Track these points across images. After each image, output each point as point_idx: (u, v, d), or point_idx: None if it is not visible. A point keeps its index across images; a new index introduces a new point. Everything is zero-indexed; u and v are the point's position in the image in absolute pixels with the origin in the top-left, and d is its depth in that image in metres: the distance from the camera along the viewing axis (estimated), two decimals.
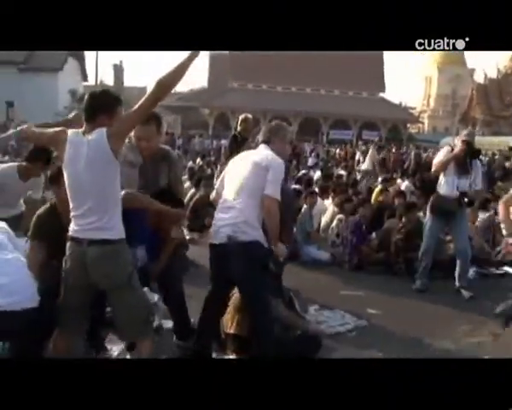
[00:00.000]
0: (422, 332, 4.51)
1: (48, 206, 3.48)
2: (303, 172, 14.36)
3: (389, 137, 48.71)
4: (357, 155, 24.92)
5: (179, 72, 2.71)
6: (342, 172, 14.91)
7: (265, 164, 3.31)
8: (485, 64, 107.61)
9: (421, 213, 7.22)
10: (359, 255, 6.71)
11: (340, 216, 7.13)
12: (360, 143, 34.29)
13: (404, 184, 11.91)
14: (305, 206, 7.47)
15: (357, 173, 14.91)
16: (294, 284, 5.70)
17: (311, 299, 5.20)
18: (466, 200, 5.58)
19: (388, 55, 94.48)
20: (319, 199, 8.22)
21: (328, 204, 8.32)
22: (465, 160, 5.46)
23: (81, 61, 33.31)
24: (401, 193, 8.89)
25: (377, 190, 9.93)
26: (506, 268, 6.84)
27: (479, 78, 58.87)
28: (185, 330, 3.83)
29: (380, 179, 11.98)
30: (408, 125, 57.71)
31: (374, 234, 7.91)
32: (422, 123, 66.88)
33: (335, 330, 4.47)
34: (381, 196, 8.94)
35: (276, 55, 43.87)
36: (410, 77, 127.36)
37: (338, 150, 28.73)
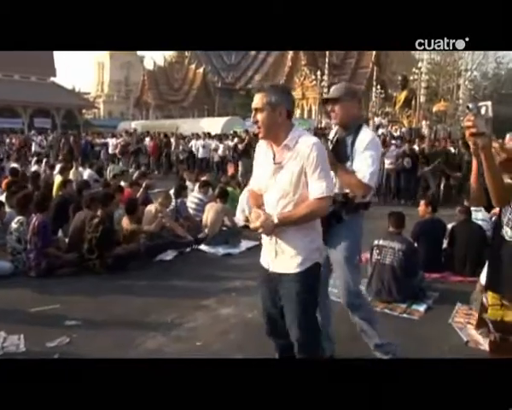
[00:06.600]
0: (132, 326, 4.37)
1: None
2: None
3: (65, 124, 47.16)
4: (34, 146, 23.15)
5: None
6: (15, 164, 13.46)
7: None
8: (153, 52, 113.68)
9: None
10: (48, 259, 5.91)
11: (19, 218, 6.13)
12: (33, 131, 31.79)
13: (86, 173, 11.39)
14: None
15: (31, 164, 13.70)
16: None
17: None
18: None
19: None
20: None
21: None
22: None
23: None
24: (85, 183, 8.44)
25: (58, 181, 9.09)
26: None
27: (148, 65, 62.12)
28: None
29: (57, 169, 11.02)
30: (83, 110, 56.81)
31: (60, 232, 7.22)
32: (98, 108, 67.05)
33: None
34: (64, 189, 8.22)
35: None
36: (82, 62, 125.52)
37: (8, 140, 26.02)
